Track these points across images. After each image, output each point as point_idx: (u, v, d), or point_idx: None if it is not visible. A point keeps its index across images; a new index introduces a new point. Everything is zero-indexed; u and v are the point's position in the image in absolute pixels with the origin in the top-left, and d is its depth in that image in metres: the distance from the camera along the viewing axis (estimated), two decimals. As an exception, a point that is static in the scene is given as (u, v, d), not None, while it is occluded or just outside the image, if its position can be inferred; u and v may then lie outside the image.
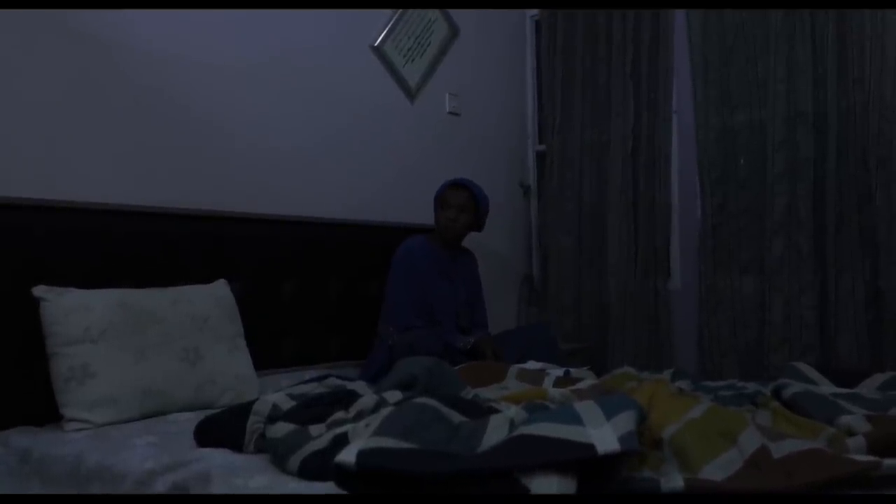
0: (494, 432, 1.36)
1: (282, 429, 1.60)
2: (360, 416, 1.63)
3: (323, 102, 3.11)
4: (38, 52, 2.27)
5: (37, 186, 2.21)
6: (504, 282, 3.98)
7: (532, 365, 2.53)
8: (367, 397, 1.73)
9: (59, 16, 2.31)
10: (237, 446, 1.65)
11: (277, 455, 1.51)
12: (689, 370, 3.24)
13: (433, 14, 3.59)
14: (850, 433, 1.51)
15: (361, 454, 1.12)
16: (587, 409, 1.32)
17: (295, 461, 1.44)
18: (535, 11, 4.14)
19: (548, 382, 2.18)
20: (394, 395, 1.73)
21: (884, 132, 3.00)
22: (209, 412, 1.91)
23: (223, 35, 2.74)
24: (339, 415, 1.63)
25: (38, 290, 2.04)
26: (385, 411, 1.38)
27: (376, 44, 3.34)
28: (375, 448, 1.14)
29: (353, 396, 1.80)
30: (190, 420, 1.93)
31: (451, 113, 3.73)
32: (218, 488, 1.43)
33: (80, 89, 2.36)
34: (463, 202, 2.96)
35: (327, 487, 1.28)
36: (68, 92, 2.33)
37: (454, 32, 3.70)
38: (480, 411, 1.57)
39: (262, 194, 2.83)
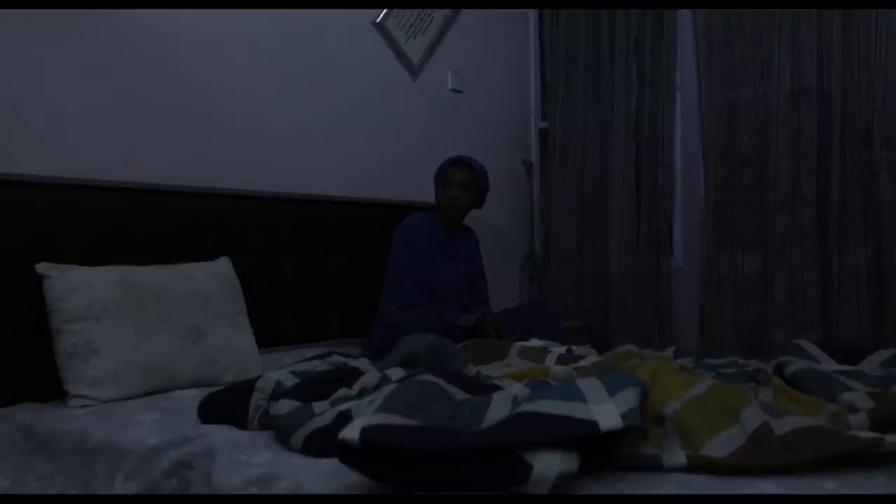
0: (497, 409, 1.37)
1: (285, 405, 1.60)
2: (363, 392, 1.64)
3: (325, 79, 3.09)
4: (41, 30, 2.25)
5: (39, 163, 2.20)
6: (506, 259, 3.98)
7: (534, 342, 2.53)
8: (370, 374, 1.73)
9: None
10: (241, 423, 1.66)
11: (281, 432, 1.51)
12: (691, 347, 3.25)
13: (435, -11, 3.56)
14: (853, 410, 1.51)
15: (365, 431, 1.12)
16: (590, 385, 1.32)
17: (298, 438, 1.45)
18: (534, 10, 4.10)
19: (550, 360, 2.18)
20: (396, 372, 1.73)
21: (888, 109, 2.98)
22: (212, 389, 1.92)
23: (225, 11, 2.71)
24: (343, 392, 1.64)
25: (42, 267, 2.04)
26: (388, 388, 1.38)
27: (378, 20, 3.31)
28: (379, 425, 1.15)
29: (356, 373, 1.81)
30: (193, 397, 1.94)
31: (453, 90, 3.71)
32: (222, 464, 1.43)
33: (83, 65, 2.34)
34: (465, 180, 2.95)
35: (331, 464, 1.29)
36: (70, 68, 2.32)
37: (457, 9, 3.67)
38: (483, 388, 1.58)
39: (264, 171, 2.82)
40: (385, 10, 3.32)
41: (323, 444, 1.40)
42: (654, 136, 3.67)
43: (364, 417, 1.19)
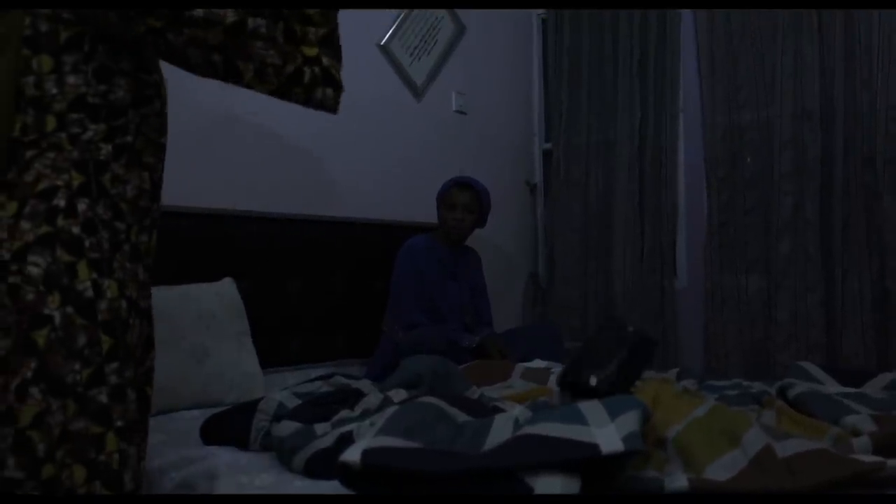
0: (499, 431, 1.37)
1: (287, 427, 1.61)
2: (365, 414, 1.64)
3: (329, 101, 3.11)
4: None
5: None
6: (510, 280, 3.98)
7: (537, 363, 2.53)
8: (373, 396, 1.73)
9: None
10: (243, 444, 1.66)
11: (283, 453, 1.51)
12: (694, 369, 3.24)
13: (439, 12, 3.59)
14: (856, 433, 1.50)
15: (366, 453, 1.12)
16: (591, 408, 1.32)
17: (300, 459, 1.45)
18: (541, 10, 4.13)
19: (553, 381, 2.18)
20: (399, 394, 1.73)
21: (891, 132, 2.99)
22: (215, 410, 1.92)
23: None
24: (345, 413, 1.64)
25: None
26: (390, 410, 1.38)
27: (383, 42, 3.35)
28: (380, 447, 1.15)
29: (358, 395, 1.81)
30: (196, 418, 1.94)
31: (457, 111, 3.73)
32: (224, 486, 1.44)
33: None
34: (468, 202, 2.97)
35: (332, 486, 1.29)
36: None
37: (460, 31, 3.70)
38: (485, 410, 1.58)
39: (268, 192, 2.84)
40: (390, 33, 3.36)
41: (324, 465, 1.40)
42: (658, 157, 3.68)
43: (365, 440, 1.19)
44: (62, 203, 1.12)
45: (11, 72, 1.09)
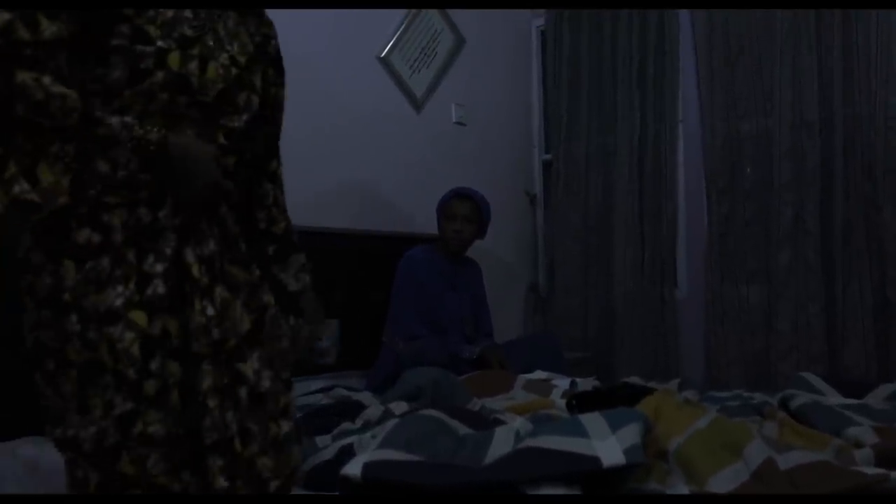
0: (500, 444, 1.36)
1: (288, 440, 1.60)
2: (366, 426, 1.64)
3: (329, 112, 3.11)
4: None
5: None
6: (510, 290, 3.98)
7: (538, 374, 2.52)
8: (373, 408, 1.73)
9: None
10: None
11: (284, 466, 1.50)
12: (696, 379, 3.23)
13: (439, 25, 3.60)
14: (858, 445, 1.50)
15: (367, 467, 1.12)
16: (592, 421, 1.32)
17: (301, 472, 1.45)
18: (540, 21, 4.15)
19: (555, 394, 2.18)
20: (399, 407, 1.73)
21: (890, 141, 2.99)
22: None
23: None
24: (346, 425, 1.64)
25: (47, 301, 2.05)
26: (390, 423, 1.38)
27: (383, 55, 3.36)
28: (381, 461, 1.15)
29: (359, 407, 1.81)
30: (197, 430, 1.93)
31: (457, 123, 3.74)
32: (224, 500, 1.43)
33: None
34: (468, 213, 2.97)
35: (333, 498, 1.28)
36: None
37: (460, 43, 3.71)
38: (485, 423, 1.57)
39: (268, 204, 2.83)
40: (390, 45, 3.37)
41: (325, 478, 1.40)
42: (657, 168, 3.68)
43: (366, 453, 1.19)
44: None
45: None
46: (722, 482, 1.28)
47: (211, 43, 1.27)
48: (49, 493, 1.74)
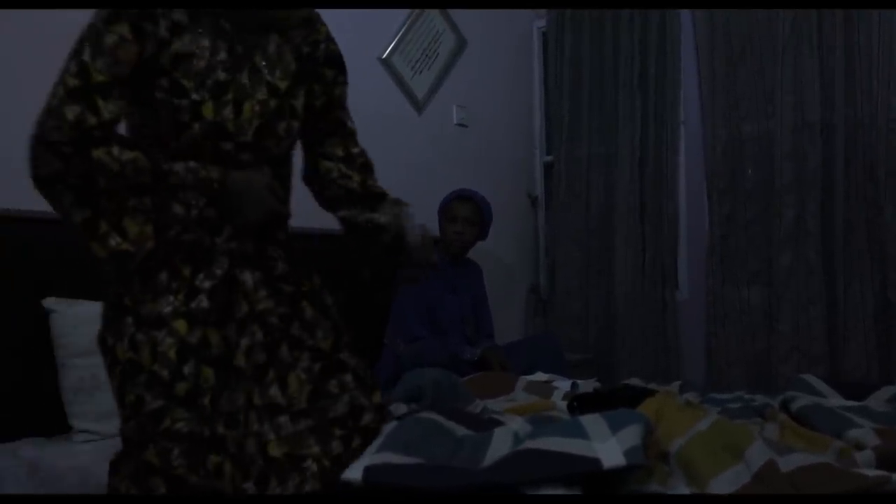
0: (498, 445, 1.36)
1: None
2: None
3: (331, 114, 3.11)
4: (47, 61, 2.28)
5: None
6: (511, 292, 3.98)
7: (539, 376, 2.52)
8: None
9: (61, 20, 2.32)
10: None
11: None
12: (696, 381, 3.23)
13: (441, 26, 3.61)
14: (859, 447, 1.50)
15: (368, 471, 1.12)
16: (593, 422, 1.32)
17: (301, 474, 1.44)
18: (542, 22, 4.15)
19: (556, 396, 2.17)
20: (399, 408, 1.73)
21: (891, 143, 3.00)
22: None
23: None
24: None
25: (48, 302, 2.06)
26: (389, 426, 1.38)
27: (384, 56, 3.36)
28: (382, 464, 1.15)
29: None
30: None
31: (458, 124, 3.74)
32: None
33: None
34: (469, 215, 2.97)
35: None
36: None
37: (461, 44, 3.71)
38: (483, 424, 1.57)
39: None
40: (391, 47, 3.37)
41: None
42: (659, 169, 3.68)
43: (366, 457, 1.19)
44: None
45: None
46: (723, 484, 1.28)
47: (246, 80, 1.39)
48: (49, 493, 1.74)
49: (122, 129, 1.39)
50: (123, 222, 1.29)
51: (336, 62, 1.62)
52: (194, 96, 1.33)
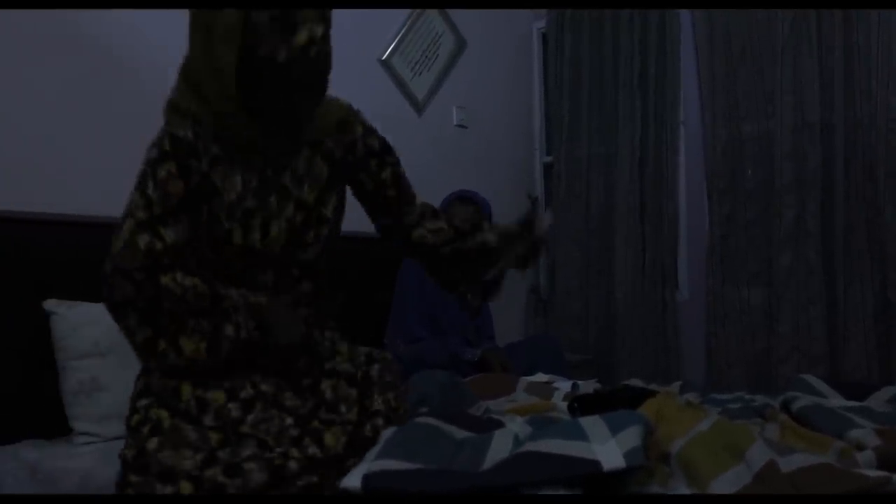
0: (498, 447, 1.36)
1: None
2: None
3: (330, 115, 3.11)
4: (47, 63, 2.28)
5: (46, 200, 2.22)
6: (511, 293, 3.97)
7: (540, 377, 2.52)
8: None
9: (59, 19, 2.33)
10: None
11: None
12: (697, 381, 3.23)
13: (440, 27, 3.61)
14: (860, 447, 1.50)
15: (367, 478, 1.12)
16: (592, 424, 1.32)
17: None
18: (541, 23, 4.15)
19: (557, 396, 2.17)
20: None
21: (891, 143, 3.00)
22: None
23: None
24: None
25: (49, 304, 2.06)
26: (387, 432, 1.38)
27: (384, 57, 3.36)
28: (381, 471, 1.14)
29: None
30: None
31: (458, 125, 3.74)
32: (226, 503, 1.43)
33: (87, 99, 2.38)
34: (469, 217, 2.97)
35: (334, 504, 1.28)
36: (74, 102, 2.35)
37: (461, 45, 3.72)
38: (483, 426, 1.57)
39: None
40: (391, 48, 3.37)
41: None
42: (659, 170, 3.68)
43: (365, 464, 1.18)
44: None
45: None
46: (724, 485, 1.28)
47: (274, 201, 1.52)
48: (49, 494, 1.74)
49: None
50: (180, 341, 1.40)
51: (376, 153, 1.80)
52: (226, 225, 1.47)
